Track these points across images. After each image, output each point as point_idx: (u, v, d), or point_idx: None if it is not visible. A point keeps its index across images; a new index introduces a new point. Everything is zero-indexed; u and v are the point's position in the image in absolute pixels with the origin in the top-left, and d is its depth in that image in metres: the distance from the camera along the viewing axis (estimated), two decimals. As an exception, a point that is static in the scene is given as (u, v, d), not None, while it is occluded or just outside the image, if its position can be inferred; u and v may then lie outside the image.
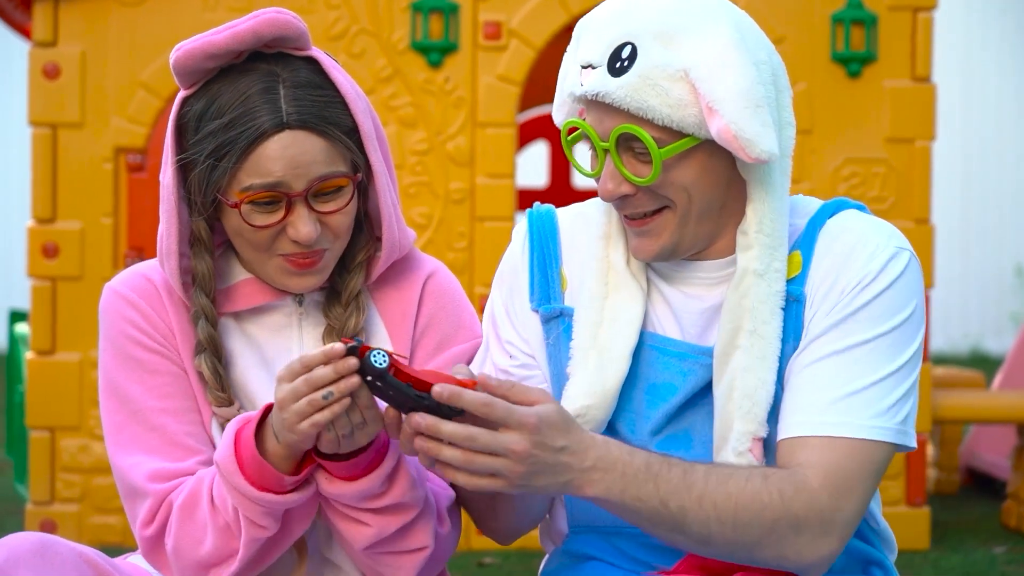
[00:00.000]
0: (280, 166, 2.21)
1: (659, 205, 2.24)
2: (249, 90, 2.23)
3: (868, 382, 2.22)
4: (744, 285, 2.24)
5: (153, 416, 2.29)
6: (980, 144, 12.27)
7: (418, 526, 2.27)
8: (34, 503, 5.10)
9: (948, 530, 5.45)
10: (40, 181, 5.08)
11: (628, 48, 2.19)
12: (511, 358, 2.38)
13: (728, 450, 2.23)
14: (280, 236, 2.25)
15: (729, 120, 2.14)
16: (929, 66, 5.13)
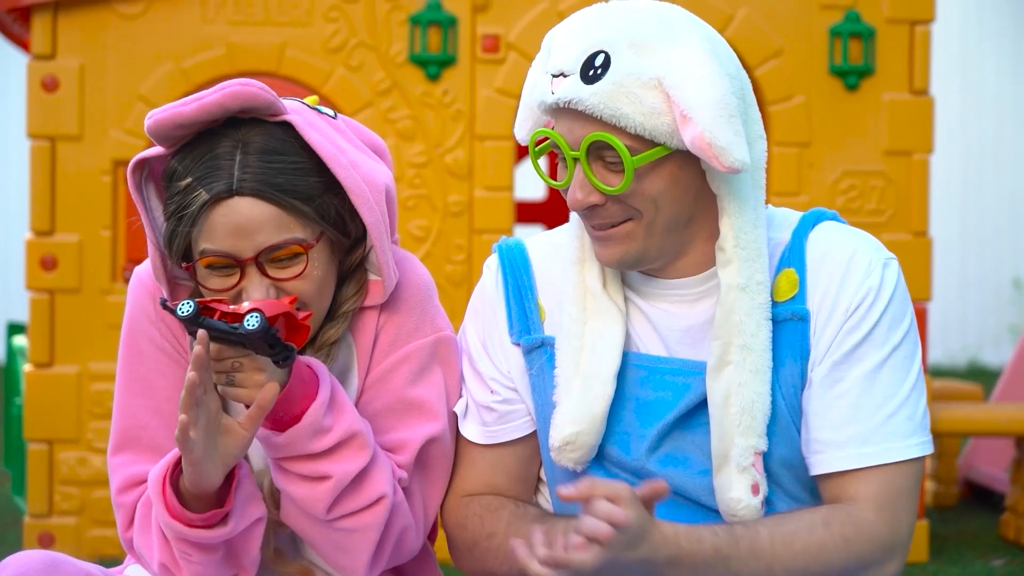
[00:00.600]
0: (225, 233, 2.24)
1: (626, 216, 2.25)
2: (211, 153, 2.27)
3: (899, 401, 2.28)
4: (729, 300, 2.25)
5: (143, 413, 2.34)
6: (978, 157, 12.28)
7: (374, 471, 2.28)
8: (32, 516, 5.10)
9: (946, 543, 5.45)
10: (38, 194, 5.08)
11: (602, 56, 2.19)
12: (492, 393, 2.39)
13: (731, 466, 2.24)
14: (239, 301, 2.26)
15: (704, 128, 2.14)
16: (927, 79, 5.14)
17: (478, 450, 2.41)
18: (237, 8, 5.08)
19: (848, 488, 2.26)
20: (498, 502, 2.37)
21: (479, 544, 2.36)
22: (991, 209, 12.30)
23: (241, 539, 2.26)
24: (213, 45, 5.06)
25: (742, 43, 5.09)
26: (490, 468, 2.40)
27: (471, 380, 2.42)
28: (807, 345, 2.30)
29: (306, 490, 2.27)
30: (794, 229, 2.34)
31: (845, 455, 2.27)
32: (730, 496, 2.24)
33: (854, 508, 2.25)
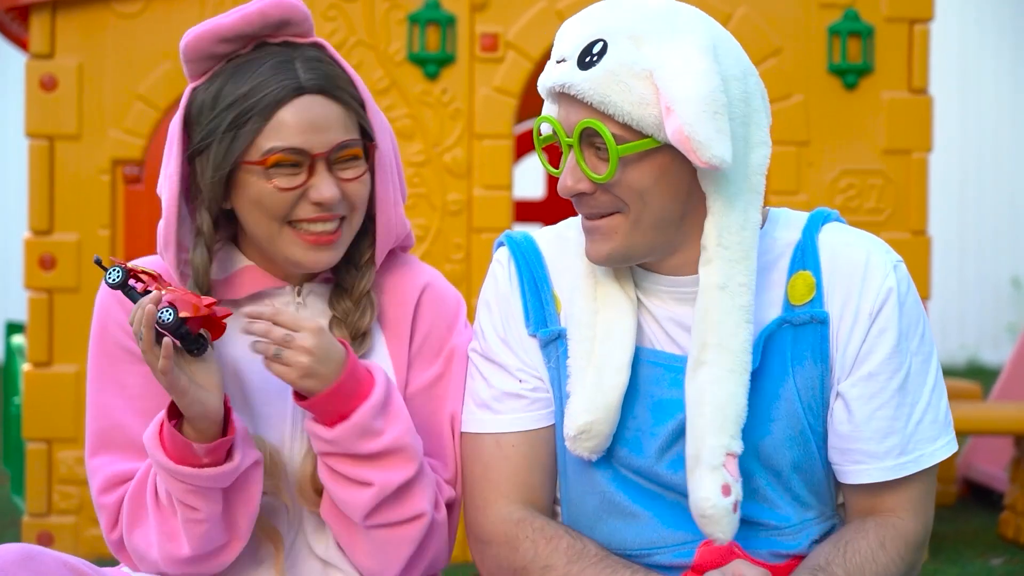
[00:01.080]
0: (301, 128, 2.26)
1: (614, 208, 2.25)
2: (263, 65, 2.28)
3: (924, 405, 2.33)
4: (706, 300, 2.25)
5: (119, 413, 2.33)
6: (977, 156, 12.28)
7: (417, 488, 2.29)
8: (31, 515, 5.10)
9: (945, 542, 5.45)
10: (37, 193, 5.08)
11: (600, 44, 2.21)
12: (521, 383, 2.38)
13: (703, 466, 2.23)
14: (300, 202, 2.28)
15: (684, 121, 2.15)
16: (926, 78, 5.14)
17: (511, 443, 2.37)
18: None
19: (885, 498, 2.33)
20: (552, 529, 2.34)
21: (530, 572, 2.33)
22: (990, 208, 12.31)
23: (242, 484, 2.26)
24: (212, 44, 5.06)
25: (741, 42, 5.05)
26: (525, 463, 2.37)
27: (494, 373, 2.39)
28: (827, 348, 2.31)
29: (348, 493, 2.27)
30: (803, 228, 2.35)
31: (886, 467, 2.32)
32: (699, 495, 2.22)
33: (896, 520, 2.32)
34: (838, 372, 2.32)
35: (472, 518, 2.40)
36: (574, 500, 2.39)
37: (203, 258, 2.32)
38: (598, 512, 2.37)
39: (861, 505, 2.35)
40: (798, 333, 2.31)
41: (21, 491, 5.38)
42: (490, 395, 2.39)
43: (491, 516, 2.37)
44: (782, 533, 2.35)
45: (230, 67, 2.31)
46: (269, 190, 2.28)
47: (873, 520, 2.32)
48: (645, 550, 2.34)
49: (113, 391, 2.34)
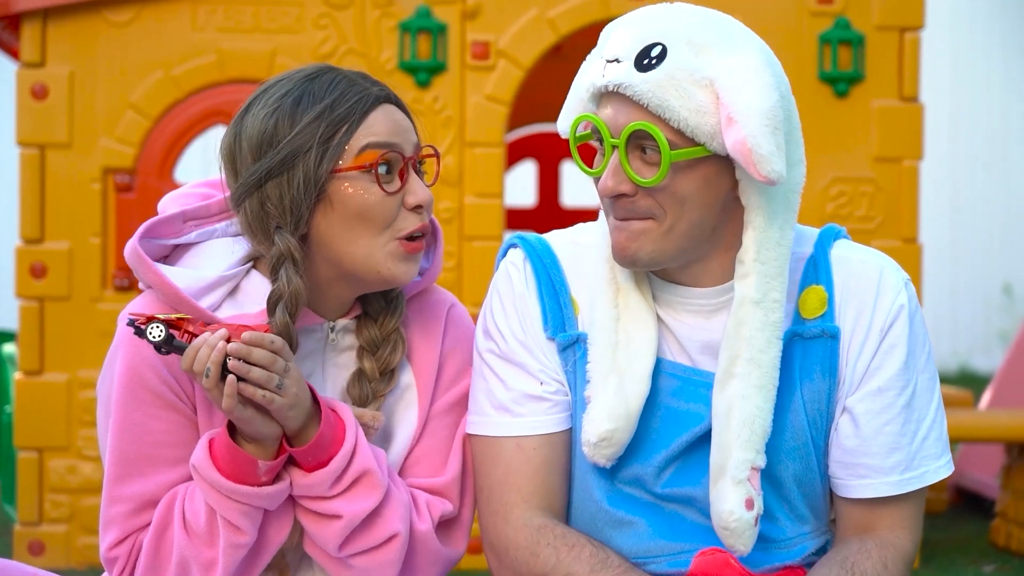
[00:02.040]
0: (391, 130, 2.28)
1: (649, 213, 2.24)
2: (334, 83, 2.30)
3: (930, 422, 2.35)
4: (741, 313, 2.25)
5: (141, 463, 2.28)
6: (967, 163, 12.30)
7: (386, 511, 2.28)
8: (22, 524, 5.09)
9: (937, 549, 5.45)
10: (28, 201, 5.07)
11: (658, 48, 2.20)
12: (542, 384, 2.36)
13: (727, 479, 2.23)
14: (399, 210, 2.28)
15: (748, 133, 2.15)
16: (916, 86, 5.15)
17: (532, 446, 2.36)
18: (227, 15, 5.08)
19: (883, 515, 2.33)
20: (574, 536, 2.32)
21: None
22: (981, 215, 12.32)
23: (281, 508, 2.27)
24: (203, 52, 5.06)
25: (732, 50, 5.10)
26: (546, 466, 2.36)
27: (513, 374, 2.37)
28: (836, 363, 2.32)
29: (318, 527, 2.27)
30: (816, 243, 2.36)
31: (891, 482, 2.32)
32: (723, 508, 2.23)
33: (895, 539, 2.32)
34: (846, 387, 2.33)
35: (490, 524, 2.38)
36: (573, 506, 2.39)
37: (297, 285, 2.26)
38: (595, 519, 2.37)
39: (857, 521, 2.34)
40: (808, 347, 2.31)
41: (12, 500, 5.37)
42: (509, 397, 2.36)
43: (512, 522, 2.35)
44: (779, 546, 2.35)
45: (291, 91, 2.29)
46: (374, 197, 2.26)
47: (873, 540, 2.31)
48: (641, 559, 2.34)
49: (140, 441, 2.28)
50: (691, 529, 2.34)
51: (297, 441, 2.23)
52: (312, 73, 2.31)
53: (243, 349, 2.14)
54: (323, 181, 2.25)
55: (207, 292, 2.28)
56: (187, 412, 2.29)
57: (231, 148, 2.30)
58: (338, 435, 2.24)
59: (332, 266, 2.30)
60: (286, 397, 2.18)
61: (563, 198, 7.46)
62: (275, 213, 2.26)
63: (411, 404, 2.40)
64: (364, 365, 2.35)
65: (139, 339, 2.23)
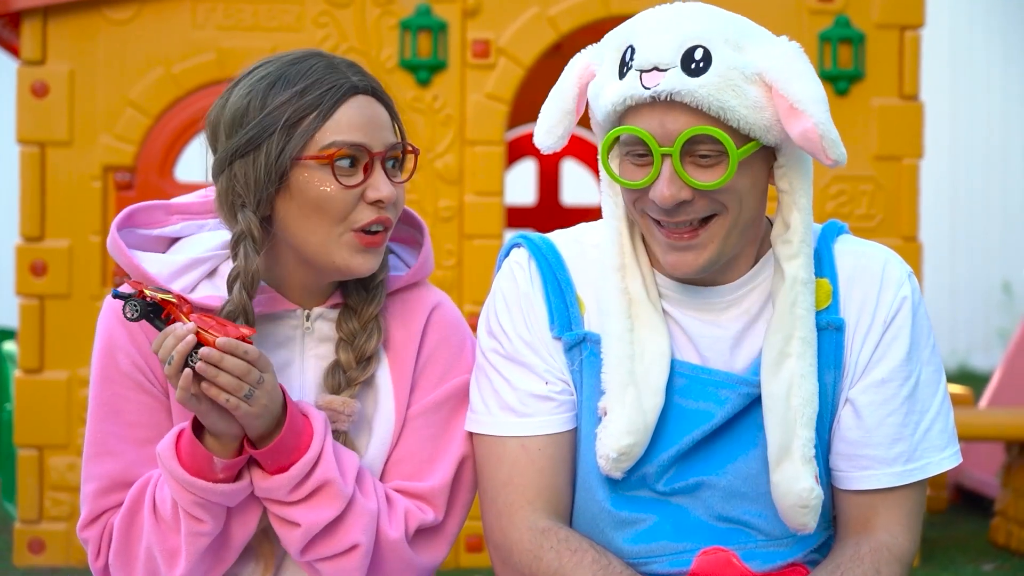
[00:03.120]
0: (360, 125, 2.28)
1: (712, 212, 2.23)
2: (313, 68, 2.29)
3: (934, 414, 2.34)
4: (793, 294, 2.26)
5: (114, 441, 2.31)
6: (967, 161, 12.30)
7: (348, 521, 2.28)
8: (22, 522, 5.09)
9: (937, 548, 5.45)
10: (28, 199, 5.08)
11: (700, 51, 2.19)
12: (548, 384, 2.36)
13: (795, 458, 2.25)
14: (358, 204, 2.28)
15: (817, 121, 2.16)
16: (917, 84, 5.15)
17: (537, 446, 2.35)
18: (227, 13, 5.08)
19: (881, 511, 2.31)
20: (577, 541, 2.31)
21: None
22: (980, 214, 12.32)
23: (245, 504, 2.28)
24: (203, 50, 5.06)
25: (732, 48, 5.10)
26: (552, 466, 2.35)
27: (518, 374, 2.36)
28: (841, 355, 2.32)
29: (282, 531, 2.29)
30: (819, 237, 2.37)
31: (894, 472, 2.31)
32: (800, 487, 2.25)
33: (891, 541, 2.29)
34: (849, 378, 2.33)
35: (495, 525, 2.37)
36: (576, 506, 2.38)
37: (254, 263, 2.27)
38: (597, 520, 2.36)
39: (857, 516, 2.33)
40: (818, 339, 2.32)
41: (12, 498, 5.37)
42: (515, 397, 2.35)
43: (516, 524, 2.35)
44: (780, 544, 2.35)
45: (271, 73, 2.30)
46: (332, 190, 2.26)
47: (868, 544, 2.28)
48: (643, 558, 2.34)
49: (111, 420, 2.32)
50: (694, 526, 2.34)
51: (260, 443, 2.23)
52: (298, 57, 2.32)
53: (214, 355, 2.15)
54: (285, 167, 2.26)
55: (179, 275, 2.30)
56: (158, 395, 2.31)
57: (213, 124, 2.32)
58: (303, 442, 2.24)
59: (293, 251, 2.31)
60: (253, 407, 2.18)
61: (563, 196, 7.46)
62: (240, 192, 2.28)
63: (387, 396, 2.39)
64: (340, 356, 2.35)
65: (113, 320, 2.30)
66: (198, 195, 2.43)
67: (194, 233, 2.39)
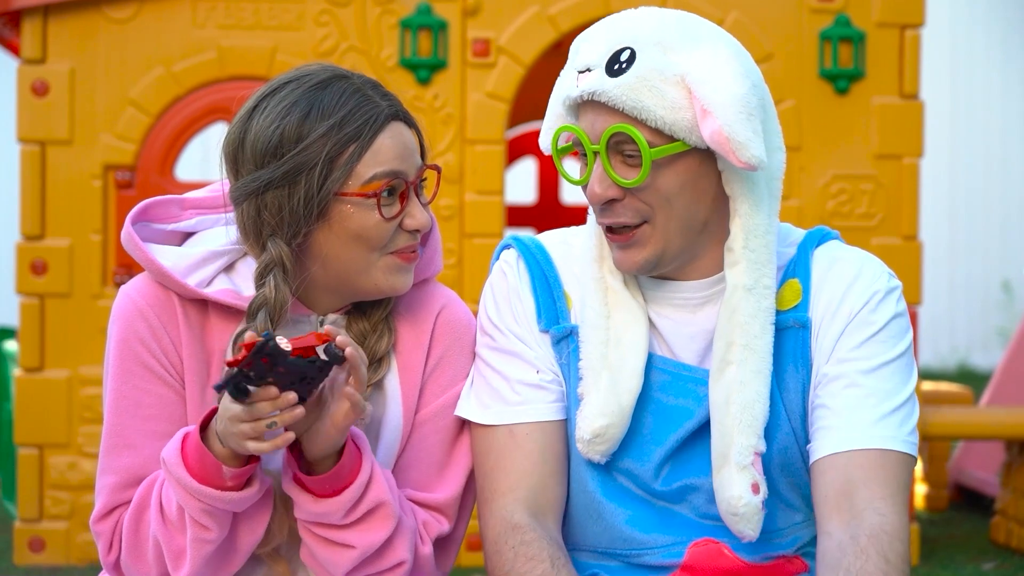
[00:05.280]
0: (397, 154, 2.27)
1: (641, 219, 2.27)
2: (343, 96, 2.27)
3: (899, 402, 2.31)
4: (734, 301, 2.28)
5: (131, 433, 2.29)
6: (967, 160, 12.30)
7: (397, 540, 2.27)
8: (22, 521, 5.09)
9: (937, 546, 5.45)
10: (28, 198, 5.08)
11: (627, 52, 2.23)
12: (539, 372, 2.37)
13: (731, 465, 2.25)
14: (396, 231, 2.28)
15: (723, 123, 2.18)
16: (917, 83, 5.15)
17: (524, 432, 2.36)
18: (227, 12, 5.08)
19: (860, 487, 2.25)
20: (536, 549, 2.30)
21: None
22: (980, 213, 12.32)
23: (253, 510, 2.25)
24: (203, 49, 5.06)
25: (732, 47, 5.09)
26: (537, 453, 2.35)
27: (509, 363, 2.38)
28: (808, 353, 2.33)
29: (329, 554, 2.26)
30: (800, 244, 2.38)
31: (849, 436, 2.27)
32: (731, 494, 2.25)
33: (881, 521, 2.24)
34: (816, 372, 2.33)
35: (479, 511, 2.39)
36: (568, 497, 2.39)
37: (284, 294, 2.26)
38: (588, 510, 2.38)
39: (836, 491, 2.27)
40: (781, 338, 2.33)
41: (12, 497, 5.38)
42: (507, 387, 2.37)
43: (493, 511, 2.35)
44: (771, 536, 2.36)
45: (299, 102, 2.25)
46: (374, 221, 2.26)
47: (864, 534, 2.23)
48: (635, 550, 2.36)
49: (131, 412, 2.30)
50: (684, 523, 2.35)
51: (315, 469, 2.21)
52: (323, 81, 2.28)
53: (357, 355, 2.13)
54: (326, 201, 2.24)
55: (195, 269, 2.30)
56: (177, 388, 2.30)
57: (235, 147, 2.29)
58: (355, 463, 2.23)
59: (328, 275, 2.30)
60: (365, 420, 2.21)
61: (563, 195, 7.46)
62: (271, 222, 2.26)
63: (395, 400, 2.38)
64: None
65: (133, 312, 2.28)
66: (210, 190, 2.42)
67: (209, 228, 2.37)
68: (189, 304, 2.31)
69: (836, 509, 2.26)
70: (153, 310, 2.30)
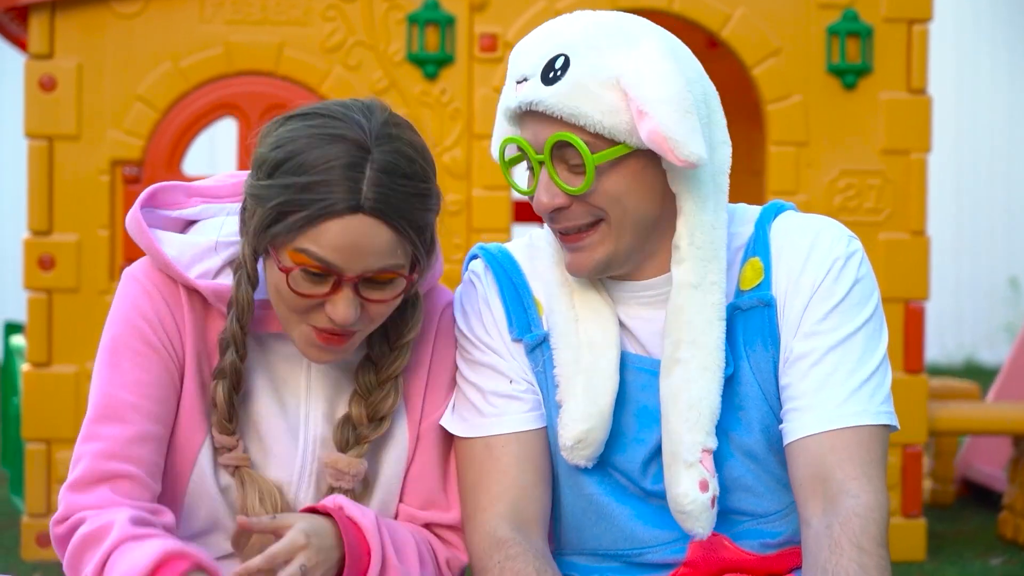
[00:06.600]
0: (340, 247, 2.14)
1: (593, 218, 2.26)
2: (335, 160, 2.15)
3: (868, 372, 2.28)
4: (680, 298, 2.27)
5: (124, 409, 2.24)
6: (974, 156, 12.29)
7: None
8: (30, 516, 5.10)
9: (944, 541, 5.45)
10: (36, 193, 5.08)
11: (561, 59, 2.22)
12: (512, 383, 2.37)
13: (680, 463, 2.25)
14: (318, 308, 2.18)
15: (659, 122, 2.16)
16: (924, 78, 5.14)
17: (500, 444, 2.35)
18: (235, 8, 5.08)
19: (834, 468, 2.23)
20: (522, 564, 2.28)
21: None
22: (987, 208, 12.32)
23: None
24: (211, 44, 5.07)
25: (740, 42, 5.09)
26: (515, 464, 2.35)
27: (481, 375, 2.37)
28: (775, 330, 2.32)
29: None
30: (756, 221, 2.37)
31: (819, 417, 2.25)
32: (678, 491, 2.24)
33: (853, 503, 2.20)
34: (785, 347, 2.31)
35: (464, 527, 2.38)
36: (565, 502, 2.39)
37: (246, 294, 2.23)
38: (587, 513, 2.38)
39: (810, 476, 2.25)
40: (747, 318, 2.32)
41: (20, 492, 5.38)
42: (480, 398, 2.37)
43: (477, 527, 2.34)
44: (768, 521, 2.35)
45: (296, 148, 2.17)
46: (286, 290, 2.18)
47: (836, 523, 2.20)
48: (637, 549, 2.35)
49: (126, 387, 2.25)
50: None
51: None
52: (335, 136, 2.17)
53: None
54: (266, 242, 2.19)
55: (199, 260, 2.26)
56: (175, 374, 2.26)
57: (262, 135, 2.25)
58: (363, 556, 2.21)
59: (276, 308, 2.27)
60: None
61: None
62: (246, 224, 2.23)
63: (400, 412, 2.36)
64: (352, 410, 2.31)
65: (139, 291, 2.26)
66: (216, 179, 2.40)
67: (213, 216, 2.34)
68: (193, 292, 2.28)
69: (812, 495, 2.24)
70: (160, 292, 2.27)
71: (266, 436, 2.32)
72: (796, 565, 2.36)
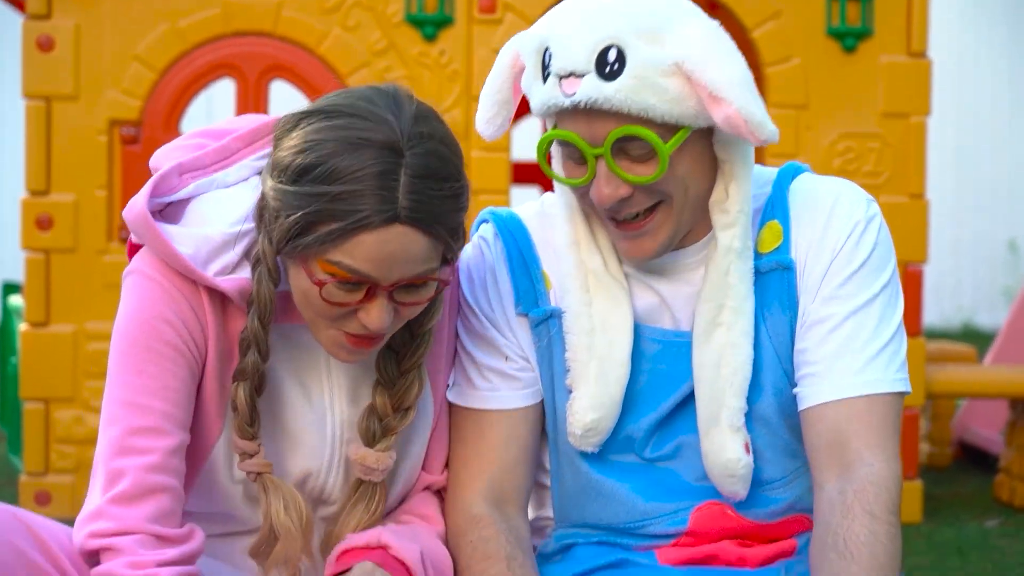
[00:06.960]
0: (376, 258, 2.06)
1: (655, 201, 2.24)
2: (367, 169, 2.04)
3: (885, 339, 2.29)
4: (725, 263, 2.26)
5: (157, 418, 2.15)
6: (973, 119, 12.27)
7: None
8: (28, 474, 5.11)
9: (941, 504, 5.47)
10: (34, 153, 5.07)
11: (614, 51, 2.16)
12: (508, 360, 2.36)
13: (723, 427, 2.26)
14: (350, 315, 2.12)
15: (739, 106, 2.14)
16: (925, 41, 5.13)
17: (489, 420, 2.35)
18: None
19: (851, 437, 2.24)
20: (494, 547, 2.28)
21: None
22: (986, 172, 12.30)
23: None
24: (209, 5, 5.05)
25: (740, 5, 5.07)
26: (502, 441, 2.35)
27: (477, 348, 2.36)
28: (794, 294, 2.31)
29: None
30: (774, 182, 2.36)
31: (836, 385, 2.26)
32: (727, 456, 2.26)
33: (868, 472, 2.22)
34: (803, 311, 2.31)
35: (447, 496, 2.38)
36: (565, 478, 2.39)
37: (268, 292, 2.14)
38: (587, 489, 2.37)
39: (827, 442, 2.26)
40: (765, 281, 2.31)
41: (18, 451, 5.39)
42: (475, 370, 2.36)
43: (455, 502, 2.35)
44: (773, 488, 2.35)
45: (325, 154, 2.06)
46: (317, 295, 2.09)
47: (851, 490, 2.22)
48: (638, 522, 2.35)
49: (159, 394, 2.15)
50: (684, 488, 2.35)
51: None
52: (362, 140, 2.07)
53: None
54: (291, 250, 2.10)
55: (215, 256, 2.16)
56: (197, 371, 2.18)
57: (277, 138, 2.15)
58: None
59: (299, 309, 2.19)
60: None
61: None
62: (268, 218, 2.13)
63: (425, 395, 2.33)
64: (376, 400, 2.25)
65: (158, 292, 2.15)
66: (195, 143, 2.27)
67: (205, 192, 2.22)
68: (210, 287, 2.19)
69: (828, 461, 2.26)
70: (181, 293, 2.17)
71: (293, 428, 2.26)
72: (797, 531, 2.36)
